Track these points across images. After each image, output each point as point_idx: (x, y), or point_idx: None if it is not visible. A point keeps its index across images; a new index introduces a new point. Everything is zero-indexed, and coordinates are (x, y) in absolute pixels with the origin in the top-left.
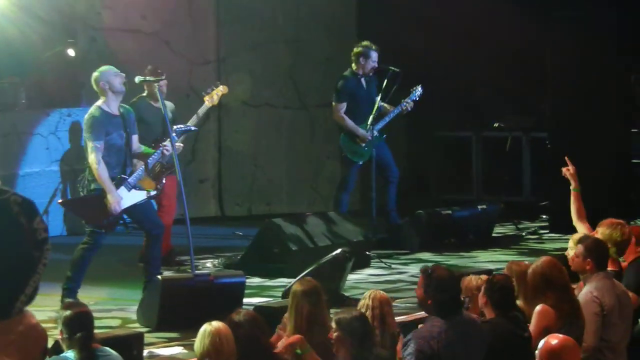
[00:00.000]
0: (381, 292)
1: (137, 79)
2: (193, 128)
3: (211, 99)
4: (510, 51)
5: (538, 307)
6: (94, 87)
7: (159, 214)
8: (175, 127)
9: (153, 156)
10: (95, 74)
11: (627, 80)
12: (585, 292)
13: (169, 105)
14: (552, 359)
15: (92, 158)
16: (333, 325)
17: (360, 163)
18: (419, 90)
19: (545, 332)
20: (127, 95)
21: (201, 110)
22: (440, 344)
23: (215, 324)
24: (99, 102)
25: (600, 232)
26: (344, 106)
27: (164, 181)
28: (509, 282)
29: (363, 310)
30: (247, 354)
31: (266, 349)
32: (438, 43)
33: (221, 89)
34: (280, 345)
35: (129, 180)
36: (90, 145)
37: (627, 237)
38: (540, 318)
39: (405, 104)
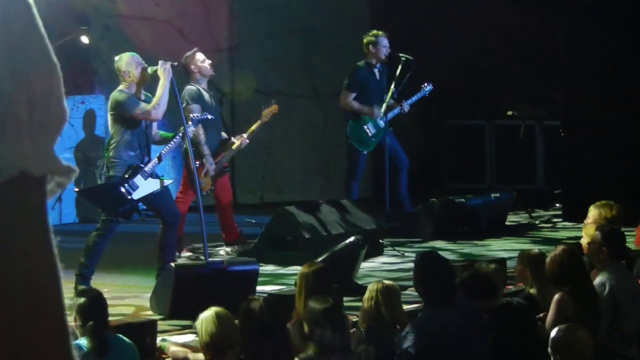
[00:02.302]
0: (386, 282)
1: (150, 69)
2: (209, 117)
3: (263, 116)
4: (523, 40)
5: (557, 296)
6: (117, 72)
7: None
8: (191, 115)
9: (169, 145)
10: (118, 62)
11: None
12: (598, 281)
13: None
14: (563, 349)
15: (138, 113)
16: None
17: (365, 153)
18: (427, 87)
19: (563, 320)
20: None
21: (256, 126)
22: (439, 334)
23: (218, 310)
24: (121, 87)
25: (591, 214)
26: (352, 95)
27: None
28: (485, 271)
29: (367, 304)
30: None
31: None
32: (451, 32)
33: (272, 109)
34: None
35: (145, 169)
36: (127, 115)
37: (616, 214)
38: (558, 307)
39: (404, 107)
